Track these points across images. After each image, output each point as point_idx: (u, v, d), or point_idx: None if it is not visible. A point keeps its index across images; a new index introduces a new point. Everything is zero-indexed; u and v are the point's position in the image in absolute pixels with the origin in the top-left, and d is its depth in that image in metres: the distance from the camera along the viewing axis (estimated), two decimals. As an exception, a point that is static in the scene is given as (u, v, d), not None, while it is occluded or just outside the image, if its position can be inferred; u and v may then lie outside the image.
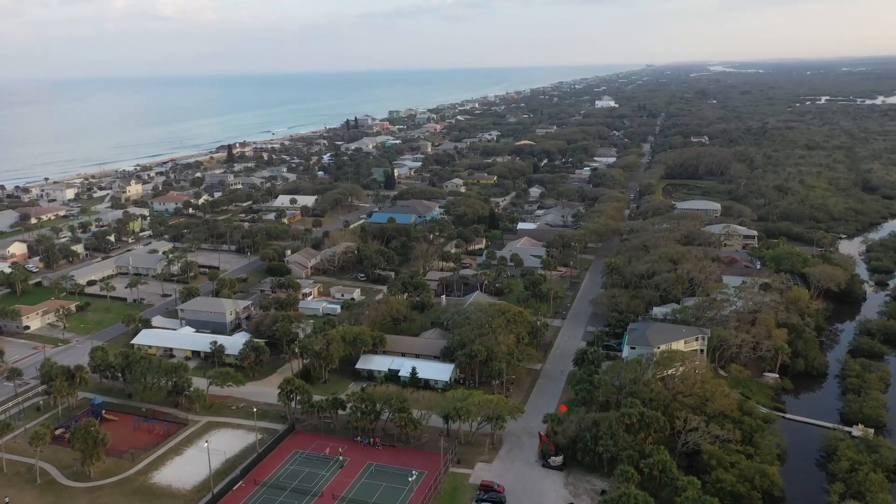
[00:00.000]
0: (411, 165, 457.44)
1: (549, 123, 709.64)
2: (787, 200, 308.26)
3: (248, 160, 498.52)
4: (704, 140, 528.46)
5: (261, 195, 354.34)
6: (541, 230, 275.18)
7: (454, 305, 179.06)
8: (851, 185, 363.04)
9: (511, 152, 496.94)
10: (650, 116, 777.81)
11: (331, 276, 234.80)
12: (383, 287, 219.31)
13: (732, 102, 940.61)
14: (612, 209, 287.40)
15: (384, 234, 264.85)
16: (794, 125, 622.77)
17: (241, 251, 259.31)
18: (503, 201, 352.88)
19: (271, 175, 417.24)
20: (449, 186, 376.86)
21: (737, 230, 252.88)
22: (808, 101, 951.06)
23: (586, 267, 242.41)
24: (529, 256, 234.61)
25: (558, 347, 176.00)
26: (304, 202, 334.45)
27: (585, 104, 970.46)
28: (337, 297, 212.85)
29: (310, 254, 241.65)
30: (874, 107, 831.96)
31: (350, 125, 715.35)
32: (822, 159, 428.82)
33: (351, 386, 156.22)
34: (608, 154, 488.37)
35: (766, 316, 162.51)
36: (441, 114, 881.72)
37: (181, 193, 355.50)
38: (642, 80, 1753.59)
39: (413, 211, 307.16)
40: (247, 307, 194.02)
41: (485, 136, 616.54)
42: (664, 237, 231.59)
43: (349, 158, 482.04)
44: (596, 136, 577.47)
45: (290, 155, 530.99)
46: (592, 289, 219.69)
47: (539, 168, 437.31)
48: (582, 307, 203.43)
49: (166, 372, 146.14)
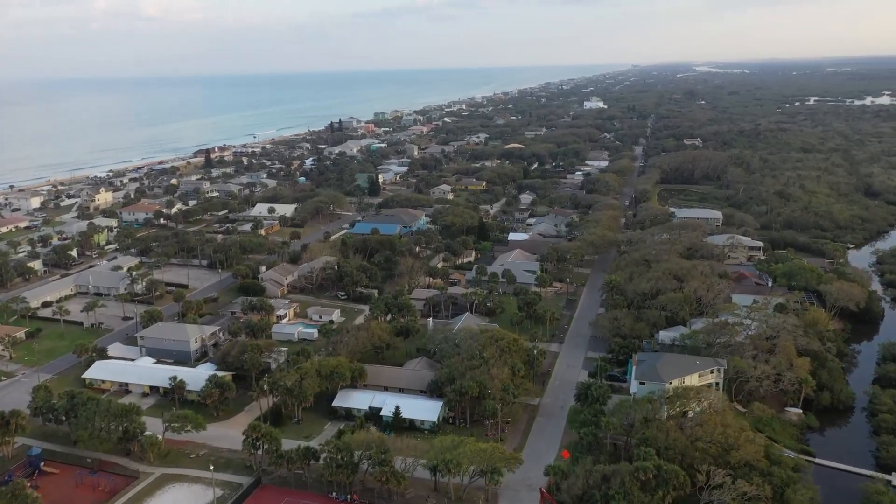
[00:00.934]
0: (397, 170, 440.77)
1: (537, 125, 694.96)
2: (789, 207, 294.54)
3: (227, 165, 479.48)
4: (697, 143, 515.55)
5: (238, 203, 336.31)
6: (533, 241, 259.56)
7: (442, 332, 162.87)
8: (853, 189, 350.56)
9: (500, 156, 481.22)
10: (640, 118, 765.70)
11: (309, 294, 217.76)
12: (365, 307, 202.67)
13: (721, 103, 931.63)
14: (607, 218, 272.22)
15: (367, 248, 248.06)
16: (787, 127, 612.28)
17: (212, 266, 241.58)
18: (493, 209, 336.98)
19: (250, 181, 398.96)
20: (436, 193, 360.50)
21: (741, 241, 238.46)
22: (797, 102, 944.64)
23: (583, 282, 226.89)
24: (522, 272, 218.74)
25: (557, 377, 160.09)
26: (283, 211, 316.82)
27: (574, 105, 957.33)
28: (314, 318, 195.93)
29: (286, 270, 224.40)
30: (864, 107, 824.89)
31: (334, 128, 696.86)
32: (819, 163, 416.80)
33: (327, 427, 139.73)
34: (600, 157, 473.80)
35: (787, 343, 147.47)
36: (428, 115, 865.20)
37: (153, 202, 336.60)
38: (629, 81, 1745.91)
39: (398, 221, 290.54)
40: (214, 333, 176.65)
41: (472, 139, 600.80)
42: (666, 250, 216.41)
43: (332, 163, 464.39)
44: (586, 138, 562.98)
45: (272, 159, 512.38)
46: (591, 307, 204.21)
47: (529, 173, 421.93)
48: (580, 329, 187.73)
49: (116, 415, 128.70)
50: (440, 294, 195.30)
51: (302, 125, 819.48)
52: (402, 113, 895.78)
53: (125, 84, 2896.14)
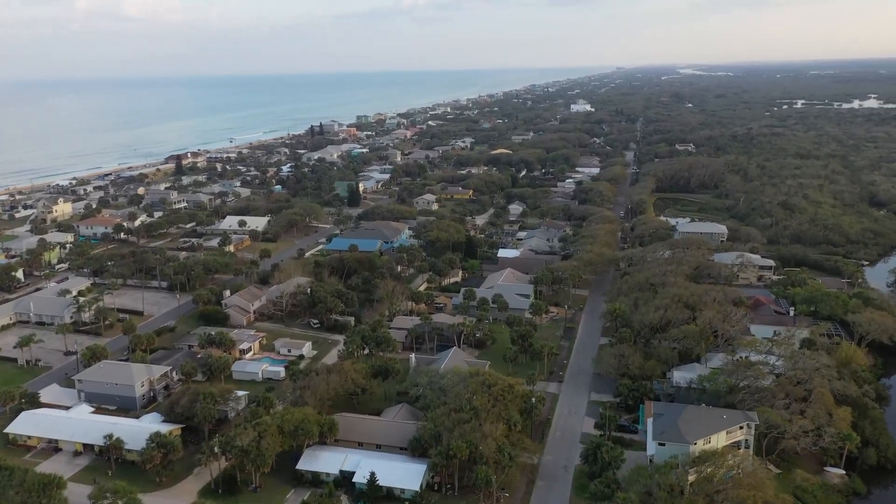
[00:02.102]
0: (378, 178, 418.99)
1: (525, 129, 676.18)
2: (796, 220, 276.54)
3: (200, 172, 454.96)
4: (690, 148, 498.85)
5: (206, 215, 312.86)
6: (525, 259, 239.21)
7: (426, 373, 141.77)
8: (857, 199, 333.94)
9: (487, 162, 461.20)
10: (629, 121, 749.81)
11: (278, 321, 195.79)
12: (340, 337, 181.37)
13: (709, 106, 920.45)
14: (604, 233, 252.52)
15: (344, 267, 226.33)
16: (780, 131, 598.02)
17: (172, 289, 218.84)
18: (480, 220, 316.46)
19: (222, 191, 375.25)
20: (420, 203, 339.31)
21: (751, 260, 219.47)
22: (785, 106, 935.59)
23: (581, 305, 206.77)
24: (515, 296, 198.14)
25: (558, 427, 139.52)
26: (255, 224, 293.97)
27: (561, 108, 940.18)
28: (282, 352, 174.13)
29: (253, 294, 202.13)
30: (854, 111, 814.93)
31: (315, 132, 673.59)
32: (819, 170, 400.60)
33: (290, 496, 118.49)
34: (591, 164, 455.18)
35: (823, 390, 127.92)
36: (412, 118, 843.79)
37: (114, 214, 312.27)
38: (615, 83, 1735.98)
39: (379, 235, 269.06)
40: (165, 374, 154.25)
41: (458, 144, 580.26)
42: (672, 272, 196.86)
43: (311, 170, 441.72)
44: (576, 143, 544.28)
45: (248, 165, 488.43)
46: (591, 336, 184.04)
47: (518, 180, 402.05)
48: (582, 364, 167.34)
49: (31, 490, 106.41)
50: (423, 324, 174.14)
51: (283, 128, 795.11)
52: (386, 116, 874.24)
53: (105, 85, 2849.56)
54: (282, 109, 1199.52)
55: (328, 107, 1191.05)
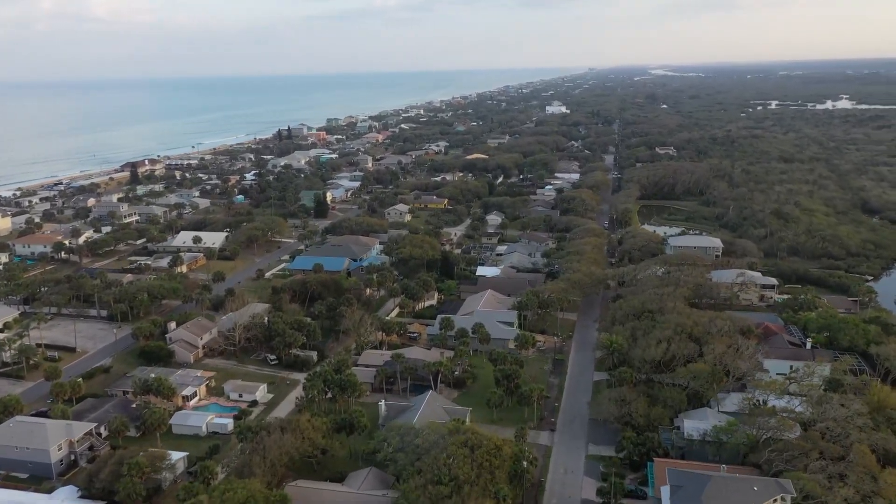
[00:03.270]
0: (348, 186, 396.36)
1: (500, 132, 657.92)
2: (791, 231, 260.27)
3: (157, 181, 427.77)
4: (671, 151, 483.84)
5: (158, 231, 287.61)
6: (507, 278, 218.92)
7: (397, 431, 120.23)
8: (850, 206, 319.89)
9: (462, 168, 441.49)
10: (605, 123, 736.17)
11: (230, 357, 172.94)
12: (301, 376, 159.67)
13: (684, 108, 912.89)
14: (591, 248, 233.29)
15: (307, 291, 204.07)
16: (759, 133, 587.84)
17: (113, 318, 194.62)
18: (456, 233, 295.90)
19: (178, 202, 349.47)
20: (391, 214, 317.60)
21: (753, 278, 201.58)
22: (760, 107, 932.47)
23: (570, 332, 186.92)
24: (497, 324, 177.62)
25: (553, 492, 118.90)
26: (212, 240, 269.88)
27: (536, 110, 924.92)
28: (233, 397, 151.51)
29: (202, 327, 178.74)
30: (830, 112, 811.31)
31: (282, 136, 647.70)
32: (805, 174, 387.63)
33: None
34: (570, 169, 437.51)
35: (863, 448, 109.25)
36: (384, 121, 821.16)
37: (56, 230, 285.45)
38: (588, 84, 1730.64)
39: (347, 252, 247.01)
40: (89, 433, 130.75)
41: (432, 148, 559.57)
42: (670, 295, 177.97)
43: (276, 178, 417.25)
44: (553, 147, 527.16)
45: (210, 173, 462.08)
46: (583, 371, 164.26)
47: (495, 188, 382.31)
48: (575, 406, 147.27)
49: None
50: (394, 362, 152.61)
51: (251, 131, 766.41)
52: (357, 119, 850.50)
53: (69, 88, 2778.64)
54: (249, 112, 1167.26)
55: (297, 109, 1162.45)
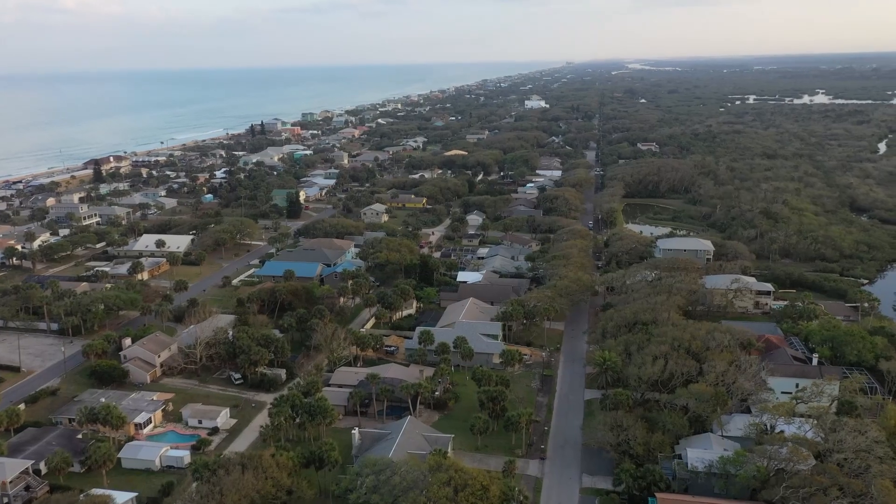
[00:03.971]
0: (323, 184, 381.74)
1: (479, 127, 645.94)
2: (782, 231, 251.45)
3: (122, 179, 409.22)
4: (654, 147, 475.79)
5: (120, 234, 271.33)
6: (490, 285, 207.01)
7: (372, 468, 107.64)
8: (838, 204, 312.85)
9: (441, 165, 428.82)
10: (585, 118, 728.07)
11: (191, 376, 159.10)
12: (269, 397, 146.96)
13: (663, 102, 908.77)
14: (577, 252, 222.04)
15: (276, 301, 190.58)
16: (740, 128, 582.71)
17: (64, 333, 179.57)
18: (434, 234, 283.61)
19: (143, 202, 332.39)
20: (368, 215, 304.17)
21: (748, 284, 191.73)
22: (738, 101, 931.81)
23: (557, 345, 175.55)
24: (480, 337, 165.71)
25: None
26: (177, 244, 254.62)
27: (515, 104, 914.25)
28: (191, 423, 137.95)
29: (160, 343, 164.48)
30: (808, 107, 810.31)
31: (255, 131, 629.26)
32: (790, 171, 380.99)
33: None
34: (552, 165, 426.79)
35: (885, 483, 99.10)
36: (360, 116, 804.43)
37: (9, 234, 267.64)
38: (566, 78, 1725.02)
39: (319, 257, 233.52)
40: (25, 472, 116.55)
41: (409, 144, 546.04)
42: (663, 304, 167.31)
43: (247, 176, 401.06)
44: (534, 143, 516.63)
45: (179, 170, 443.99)
46: (573, 388, 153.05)
47: (475, 185, 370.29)
48: (566, 430, 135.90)
49: None
50: (369, 383, 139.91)
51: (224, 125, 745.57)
52: (333, 113, 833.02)
53: (36, 81, 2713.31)
54: (222, 106, 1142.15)
55: (272, 103, 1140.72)
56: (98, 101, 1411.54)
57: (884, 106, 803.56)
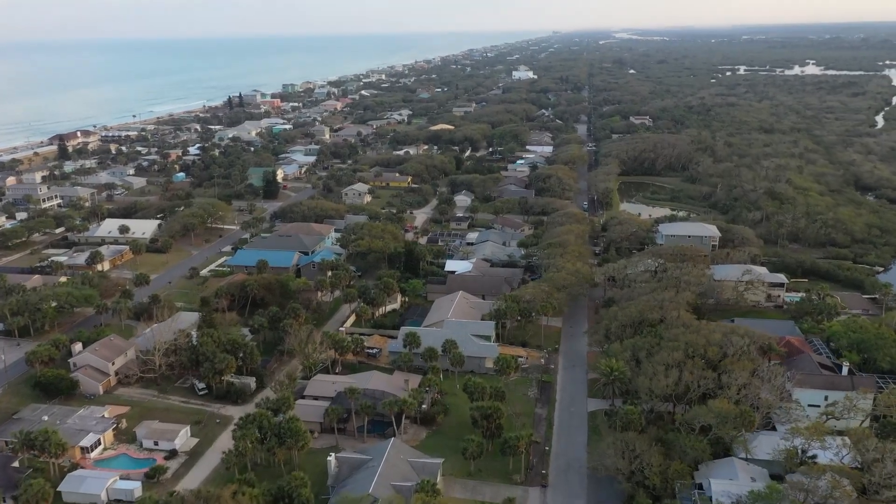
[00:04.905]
0: (302, 161, 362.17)
1: (466, 99, 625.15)
2: (790, 214, 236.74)
3: (90, 156, 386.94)
4: (647, 121, 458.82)
5: (82, 219, 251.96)
6: (480, 276, 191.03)
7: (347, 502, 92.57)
8: (843, 183, 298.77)
9: (427, 140, 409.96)
10: (575, 90, 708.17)
11: (150, 385, 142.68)
12: (237, 410, 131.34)
13: (653, 73, 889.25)
14: (574, 238, 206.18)
15: (247, 297, 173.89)
16: (733, 101, 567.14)
17: (10, 335, 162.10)
18: (421, 216, 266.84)
19: (109, 181, 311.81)
20: (349, 195, 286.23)
21: (761, 275, 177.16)
22: (728, 72, 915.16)
23: (555, 345, 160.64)
24: (471, 339, 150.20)
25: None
26: (142, 229, 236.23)
27: (502, 75, 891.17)
28: (146, 444, 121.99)
29: (115, 348, 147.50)
30: (800, 78, 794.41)
31: (233, 103, 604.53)
32: (789, 147, 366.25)
33: None
34: (542, 140, 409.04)
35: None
36: (343, 87, 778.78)
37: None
38: (553, 48, 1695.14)
39: (296, 244, 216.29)
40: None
41: (394, 117, 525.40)
42: (671, 301, 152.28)
43: (222, 152, 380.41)
44: (523, 116, 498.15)
45: (151, 146, 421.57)
46: (575, 397, 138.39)
47: (462, 162, 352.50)
48: (569, 449, 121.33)
49: None
50: (347, 398, 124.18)
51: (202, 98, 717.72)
52: (315, 85, 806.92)
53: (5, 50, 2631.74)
54: (201, 77, 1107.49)
55: (253, 73, 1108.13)
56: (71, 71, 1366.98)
57: (877, 77, 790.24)
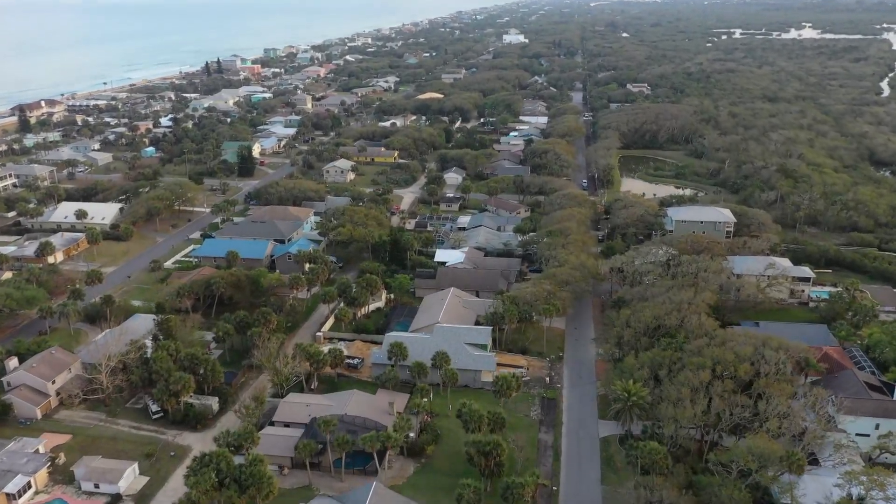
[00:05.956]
0: (282, 133, 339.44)
1: (455, 65, 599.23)
2: (807, 195, 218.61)
3: (54, 127, 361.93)
4: (646, 89, 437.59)
5: (36, 201, 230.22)
6: (474, 269, 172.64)
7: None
8: (857, 158, 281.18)
9: (415, 110, 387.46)
10: (568, 54, 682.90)
11: (98, 406, 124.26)
12: (196, 438, 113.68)
13: (647, 37, 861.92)
14: (576, 225, 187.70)
15: (214, 297, 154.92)
16: (733, 66, 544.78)
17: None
18: (408, 196, 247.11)
19: (72, 157, 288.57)
20: (331, 173, 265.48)
21: (786, 270, 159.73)
22: (724, 36, 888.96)
23: (559, 351, 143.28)
24: (465, 348, 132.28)
25: None
26: (102, 214, 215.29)
27: (492, 39, 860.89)
28: (86, 487, 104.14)
29: (56, 364, 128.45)
30: (799, 43, 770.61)
31: (211, 70, 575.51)
32: (797, 117, 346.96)
33: None
34: (536, 110, 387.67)
35: None
36: (327, 52, 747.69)
37: None
38: (544, 10, 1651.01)
39: (270, 231, 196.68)
40: None
41: (380, 84, 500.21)
42: (691, 304, 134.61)
43: (196, 124, 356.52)
44: (515, 83, 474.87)
45: (121, 116, 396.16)
46: (583, 416, 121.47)
47: (452, 135, 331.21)
48: (582, 489, 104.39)
49: None
50: (322, 431, 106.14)
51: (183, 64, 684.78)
52: (298, 49, 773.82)
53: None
54: (177, 40, 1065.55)
55: (232, 37, 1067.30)
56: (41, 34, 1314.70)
57: (877, 41, 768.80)
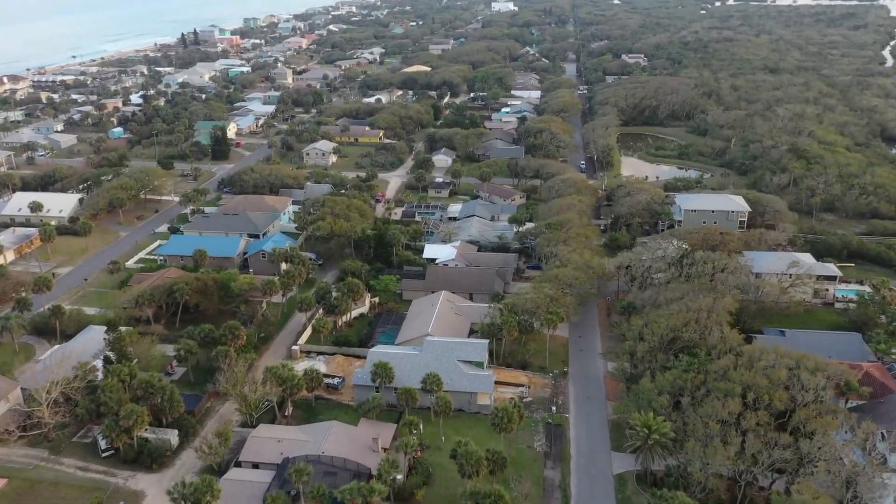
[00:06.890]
0: (260, 111, 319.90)
1: (443, 35, 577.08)
2: (822, 179, 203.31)
3: (16, 106, 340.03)
4: (642, 60, 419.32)
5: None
6: (467, 268, 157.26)
7: None
8: (869, 135, 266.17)
9: (401, 85, 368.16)
10: (559, 23, 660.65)
11: (39, 442, 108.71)
12: (150, 481, 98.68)
13: (639, 3, 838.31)
14: (578, 216, 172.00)
15: (178, 305, 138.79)
16: (730, 35, 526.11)
17: None
18: (394, 180, 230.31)
19: (32, 140, 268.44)
20: (311, 156, 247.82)
21: (811, 268, 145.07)
22: (718, 2, 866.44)
23: (564, 366, 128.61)
24: (459, 367, 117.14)
25: None
26: (59, 206, 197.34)
27: (481, 7, 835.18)
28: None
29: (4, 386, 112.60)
30: (796, 10, 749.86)
31: (187, 42, 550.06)
32: (801, 90, 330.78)
33: None
34: (528, 84, 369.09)
35: None
36: (310, 21, 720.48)
37: None
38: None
39: (244, 225, 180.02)
40: None
41: (365, 56, 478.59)
42: (710, 314, 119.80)
43: (169, 101, 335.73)
44: (506, 55, 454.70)
45: (89, 93, 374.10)
46: (594, 447, 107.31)
47: (441, 111, 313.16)
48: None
49: None
50: (294, 482, 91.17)
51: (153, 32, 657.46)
52: (279, 18, 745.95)
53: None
54: (156, 9, 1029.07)
55: (212, 4, 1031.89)
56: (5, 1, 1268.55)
57: (875, 7, 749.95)
